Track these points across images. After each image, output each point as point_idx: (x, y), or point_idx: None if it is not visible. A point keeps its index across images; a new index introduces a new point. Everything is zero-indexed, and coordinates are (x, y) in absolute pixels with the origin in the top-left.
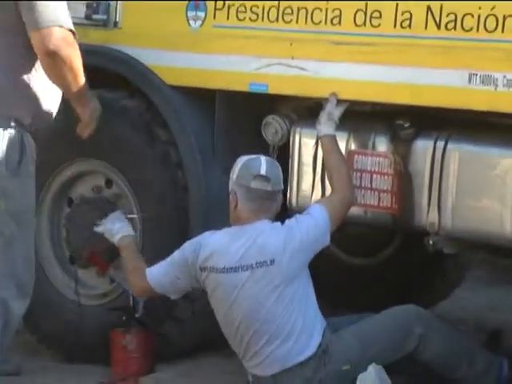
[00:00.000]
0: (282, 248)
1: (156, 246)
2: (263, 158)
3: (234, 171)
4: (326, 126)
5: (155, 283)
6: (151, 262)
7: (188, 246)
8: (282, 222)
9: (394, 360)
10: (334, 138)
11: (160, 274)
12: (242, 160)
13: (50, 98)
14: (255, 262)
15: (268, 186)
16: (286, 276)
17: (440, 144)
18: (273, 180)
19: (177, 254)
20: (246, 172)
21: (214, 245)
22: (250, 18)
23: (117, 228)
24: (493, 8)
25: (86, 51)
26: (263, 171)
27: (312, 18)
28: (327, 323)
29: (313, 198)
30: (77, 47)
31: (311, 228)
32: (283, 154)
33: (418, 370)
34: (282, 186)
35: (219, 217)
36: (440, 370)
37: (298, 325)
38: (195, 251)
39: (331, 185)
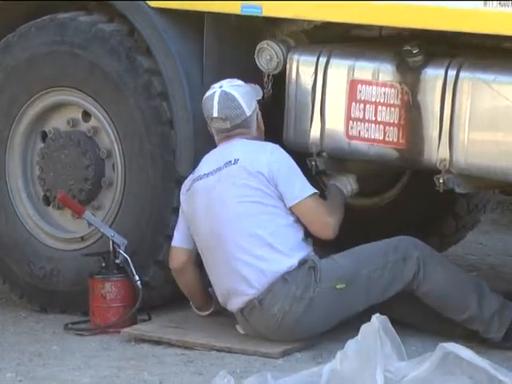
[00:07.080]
0: (247, 154)
1: (139, 185)
2: (216, 96)
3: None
4: (337, 179)
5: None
6: (131, 204)
7: None
8: None
9: (395, 294)
10: (340, 190)
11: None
12: (204, 96)
13: None
14: (223, 164)
15: (225, 124)
16: (248, 176)
17: (452, 72)
18: (229, 118)
19: None
20: (204, 112)
21: (200, 165)
22: None
23: None
24: None
25: None
26: (215, 113)
27: None
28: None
29: (311, 133)
30: None
31: (282, 178)
32: (279, 83)
33: (422, 316)
34: (247, 113)
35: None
36: (445, 308)
37: (268, 233)
38: (185, 185)
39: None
